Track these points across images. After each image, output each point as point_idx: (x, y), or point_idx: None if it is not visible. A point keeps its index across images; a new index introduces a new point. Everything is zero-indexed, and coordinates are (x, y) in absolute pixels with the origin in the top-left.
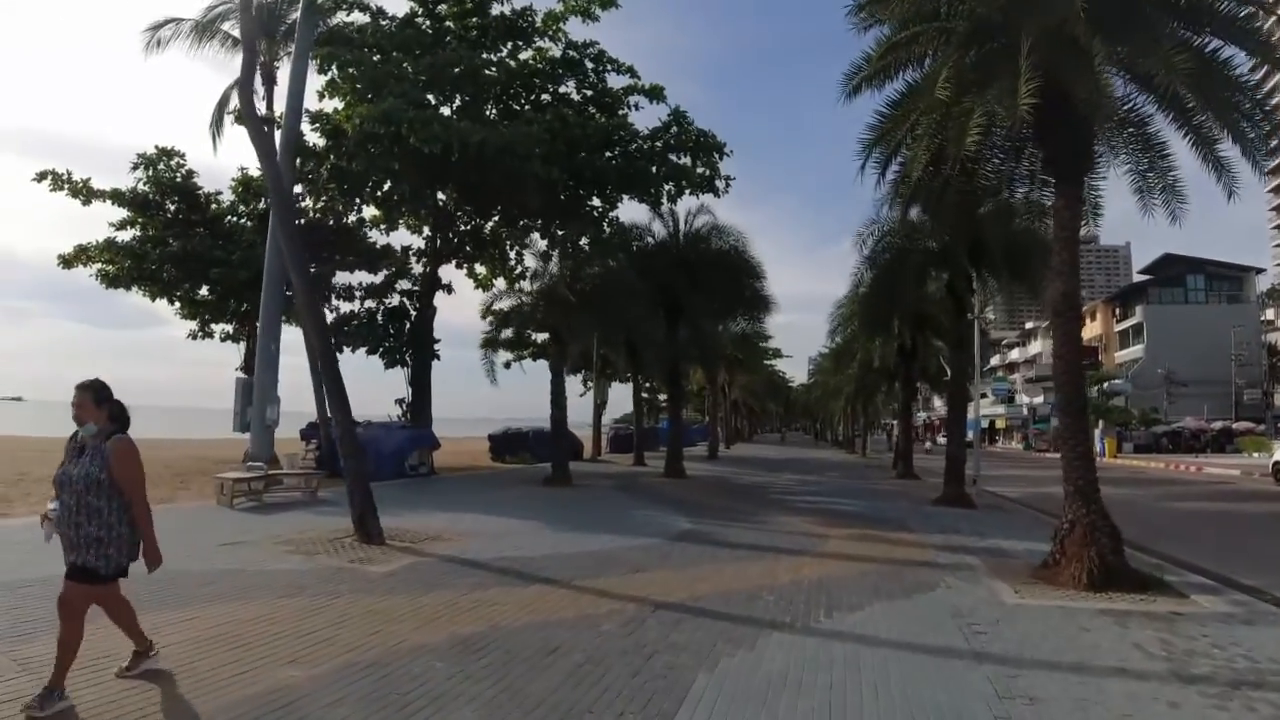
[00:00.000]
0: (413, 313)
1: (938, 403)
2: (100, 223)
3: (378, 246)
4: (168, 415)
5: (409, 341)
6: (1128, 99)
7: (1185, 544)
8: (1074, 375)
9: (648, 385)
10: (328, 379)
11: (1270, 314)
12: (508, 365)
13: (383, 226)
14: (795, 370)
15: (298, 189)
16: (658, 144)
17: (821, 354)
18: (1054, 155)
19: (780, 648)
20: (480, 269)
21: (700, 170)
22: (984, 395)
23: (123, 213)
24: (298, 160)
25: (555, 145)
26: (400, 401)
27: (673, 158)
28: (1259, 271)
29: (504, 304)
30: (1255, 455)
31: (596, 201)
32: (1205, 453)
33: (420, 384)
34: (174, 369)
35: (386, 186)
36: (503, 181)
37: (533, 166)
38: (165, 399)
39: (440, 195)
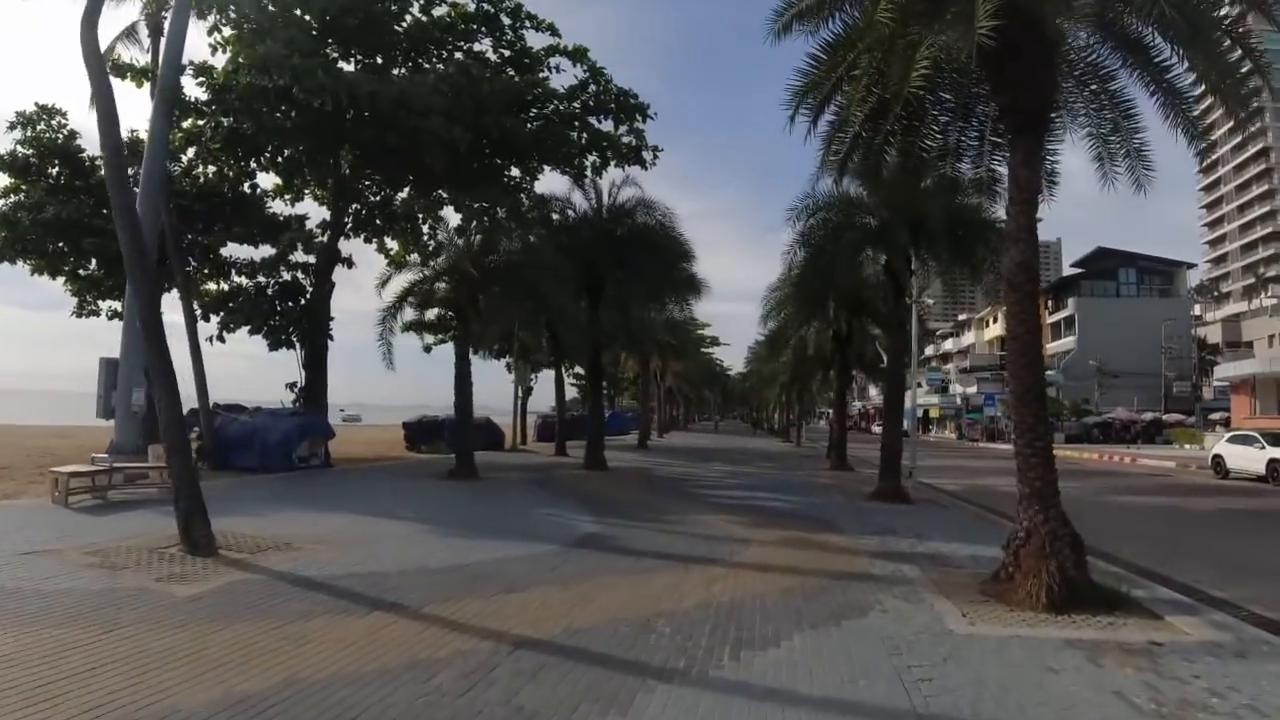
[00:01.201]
0: (308, 289)
1: (873, 391)
2: None
3: (280, 218)
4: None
5: (300, 320)
6: (1089, 48)
7: (1140, 544)
8: (1031, 358)
9: (574, 371)
10: (151, 353)
11: (1198, 309)
12: (428, 349)
13: (286, 197)
14: (735, 359)
15: (190, 152)
16: (575, 105)
17: (757, 341)
18: (1012, 102)
19: (664, 711)
20: (392, 244)
21: (626, 139)
22: (918, 384)
23: (4, 179)
24: (185, 120)
25: (459, 101)
26: (292, 386)
27: (593, 121)
28: (1190, 266)
29: (402, 278)
30: (1187, 447)
31: (516, 172)
32: (1136, 443)
33: (315, 367)
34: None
35: (285, 152)
36: (402, 141)
37: (431, 124)
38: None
39: (343, 161)
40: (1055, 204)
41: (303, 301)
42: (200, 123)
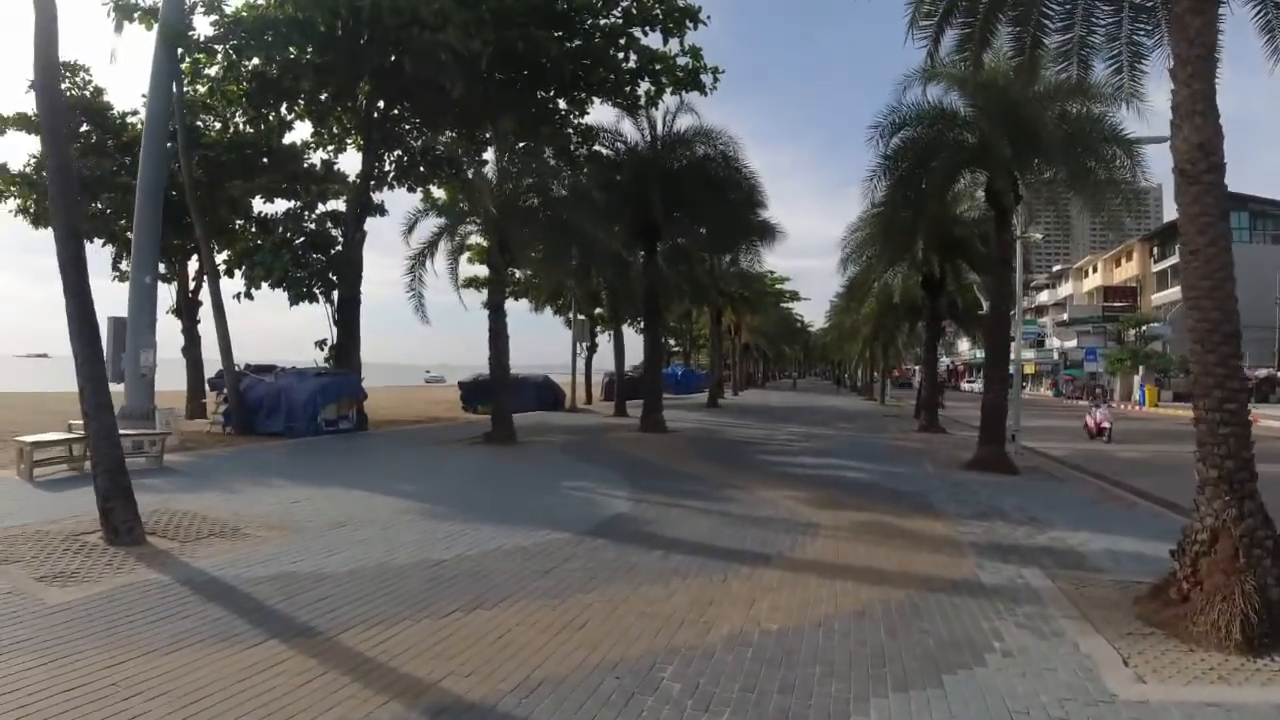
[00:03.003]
0: (339, 239)
1: (963, 346)
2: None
3: (315, 169)
4: None
5: (323, 271)
6: None
7: None
8: (1219, 280)
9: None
10: (67, 295)
11: None
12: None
13: (329, 148)
14: (817, 314)
15: (210, 100)
16: (615, 13)
17: (837, 292)
18: None
19: None
20: (440, 192)
21: (682, 60)
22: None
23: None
24: (205, 65)
25: (475, 11)
26: (321, 344)
27: (639, 35)
28: None
29: (432, 223)
30: None
31: (562, 105)
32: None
33: (347, 323)
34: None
35: (305, 91)
36: (418, 64)
37: (446, 37)
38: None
39: (361, 95)
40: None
41: (332, 253)
42: (215, 64)
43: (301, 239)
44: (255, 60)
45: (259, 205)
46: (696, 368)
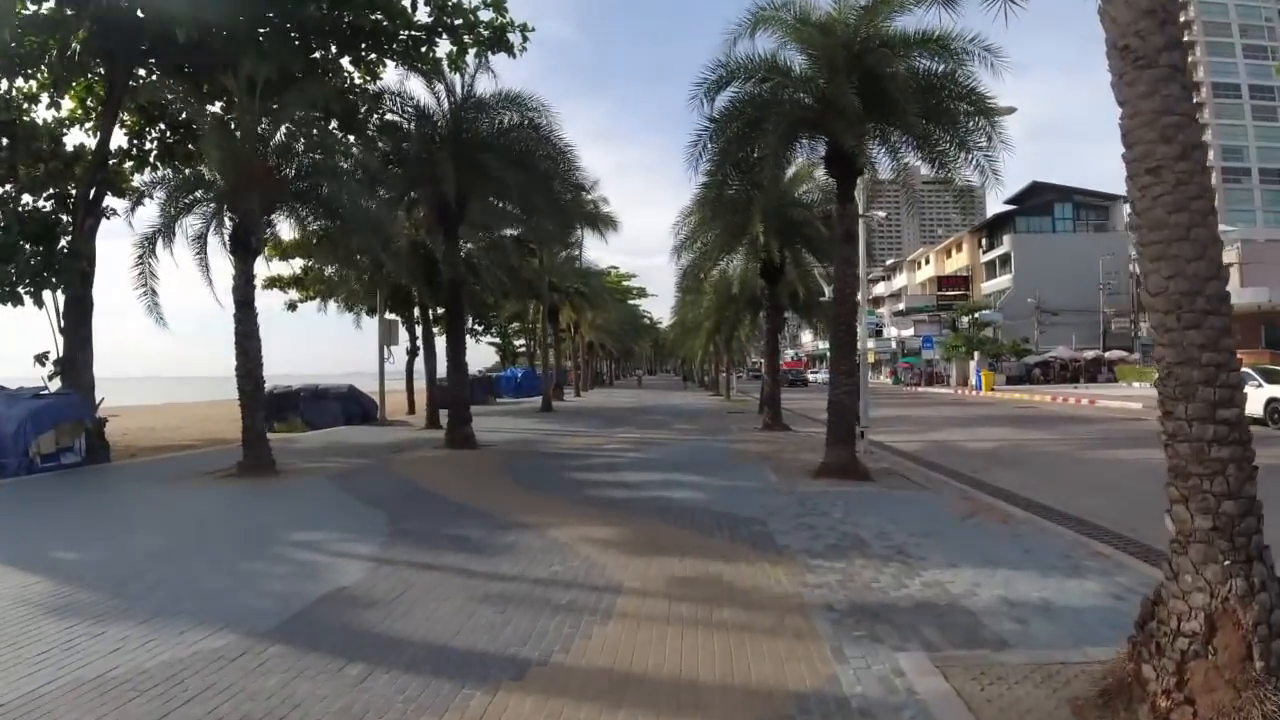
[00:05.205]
0: (65, 225)
1: (806, 337)
2: None
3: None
4: None
5: (38, 268)
6: None
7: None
8: (1199, 214)
9: (475, 328)
10: None
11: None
12: (292, 307)
13: (86, 126)
14: (665, 311)
15: None
16: None
17: (675, 284)
18: None
19: None
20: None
21: (484, 13)
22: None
23: None
24: None
25: None
26: (42, 357)
27: None
28: (1126, 200)
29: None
30: (1136, 385)
31: (348, 64)
32: (1078, 382)
33: (75, 330)
34: None
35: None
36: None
37: None
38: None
39: (76, 46)
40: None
41: (61, 245)
42: None
43: (10, 226)
44: None
45: None
46: (535, 369)
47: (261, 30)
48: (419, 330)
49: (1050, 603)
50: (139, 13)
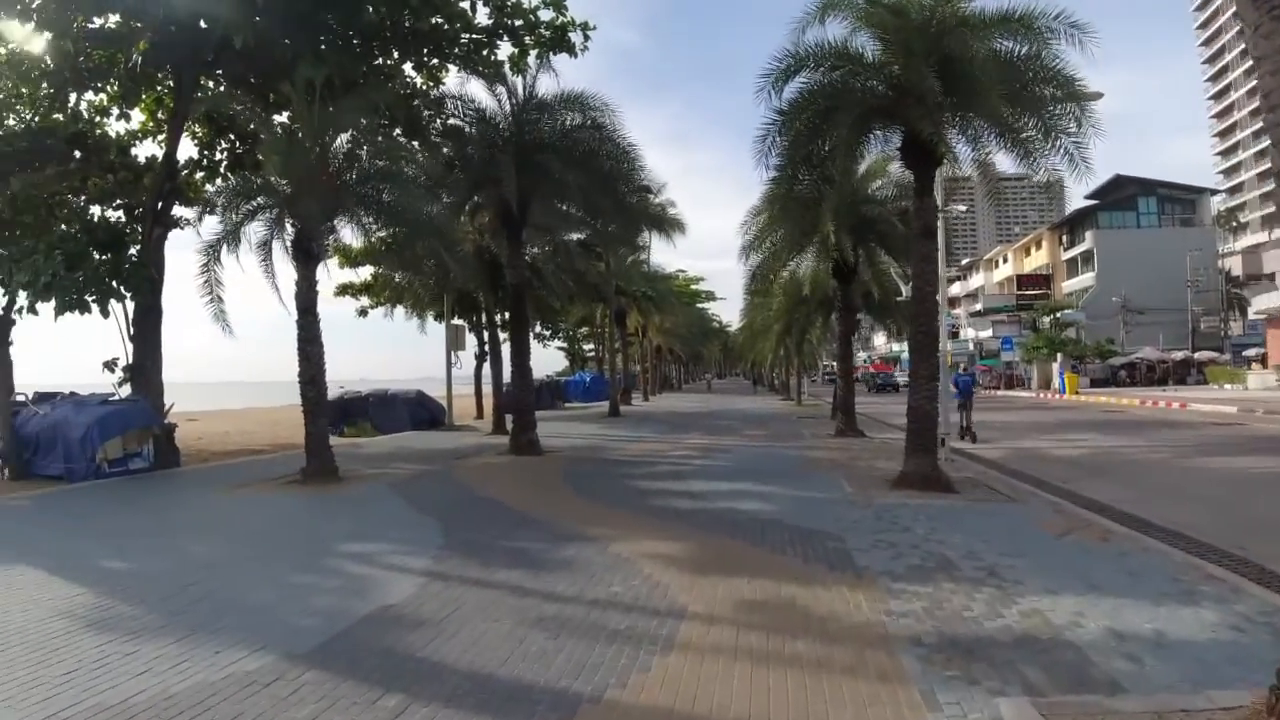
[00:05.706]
0: (137, 237)
1: (879, 340)
2: None
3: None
4: None
5: (104, 277)
6: None
7: None
8: None
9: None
10: None
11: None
12: (363, 313)
13: (159, 137)
14: (735, 315)
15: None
16: None
17: (745, 286)
18: None
19: None
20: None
21: (545, 13)
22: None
23: None
24: None
25: None
26: (111, 364)
27: None
28: (1214, 193)
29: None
30: (1228, 386)
31: (410, 70)
32: (1166, 384)
33: (144, 337)
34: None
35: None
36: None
37: None
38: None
39: (136, 54)
40: None
41: (131, 254)
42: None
43: (79, 235)
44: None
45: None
46: (603, 374)
47: (321, 37)
48: (485, 335)
49: (1164, 635)
50: (201, 24)
